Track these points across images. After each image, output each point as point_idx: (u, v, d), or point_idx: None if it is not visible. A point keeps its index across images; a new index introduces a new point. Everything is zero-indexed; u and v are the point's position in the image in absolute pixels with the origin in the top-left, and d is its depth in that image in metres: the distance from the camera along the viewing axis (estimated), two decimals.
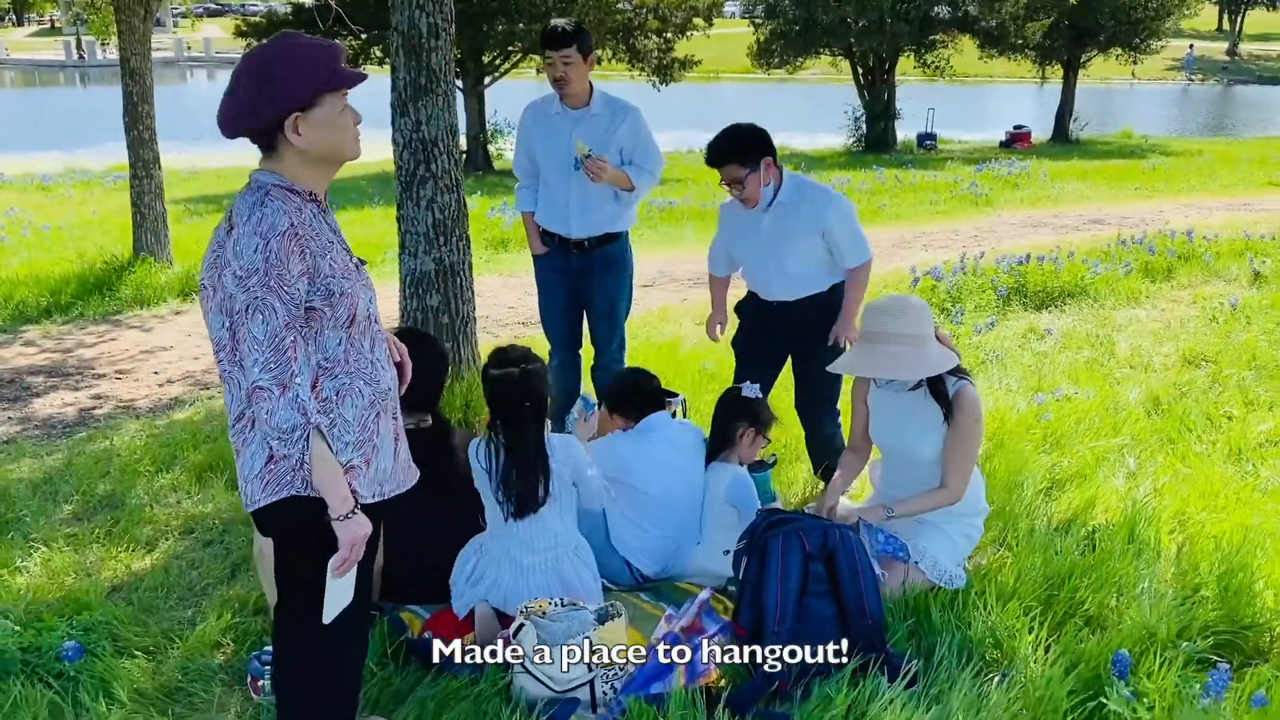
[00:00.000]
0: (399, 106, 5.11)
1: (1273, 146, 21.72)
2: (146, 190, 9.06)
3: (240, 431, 2.27)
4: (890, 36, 23.36)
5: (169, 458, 4.86)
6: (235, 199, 2.26)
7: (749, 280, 4.25)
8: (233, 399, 2.27)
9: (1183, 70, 50.84)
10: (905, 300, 3.53)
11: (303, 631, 2.40)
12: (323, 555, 2.27)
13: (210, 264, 2.22)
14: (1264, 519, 3.97)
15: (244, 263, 2.15)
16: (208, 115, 2.71)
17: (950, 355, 3.45)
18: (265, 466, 2.25)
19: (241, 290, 2.15)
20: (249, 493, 2.29)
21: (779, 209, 4.01)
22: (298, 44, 2.23)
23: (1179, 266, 8.61)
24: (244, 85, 2.20)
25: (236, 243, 2.16)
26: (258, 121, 2.22)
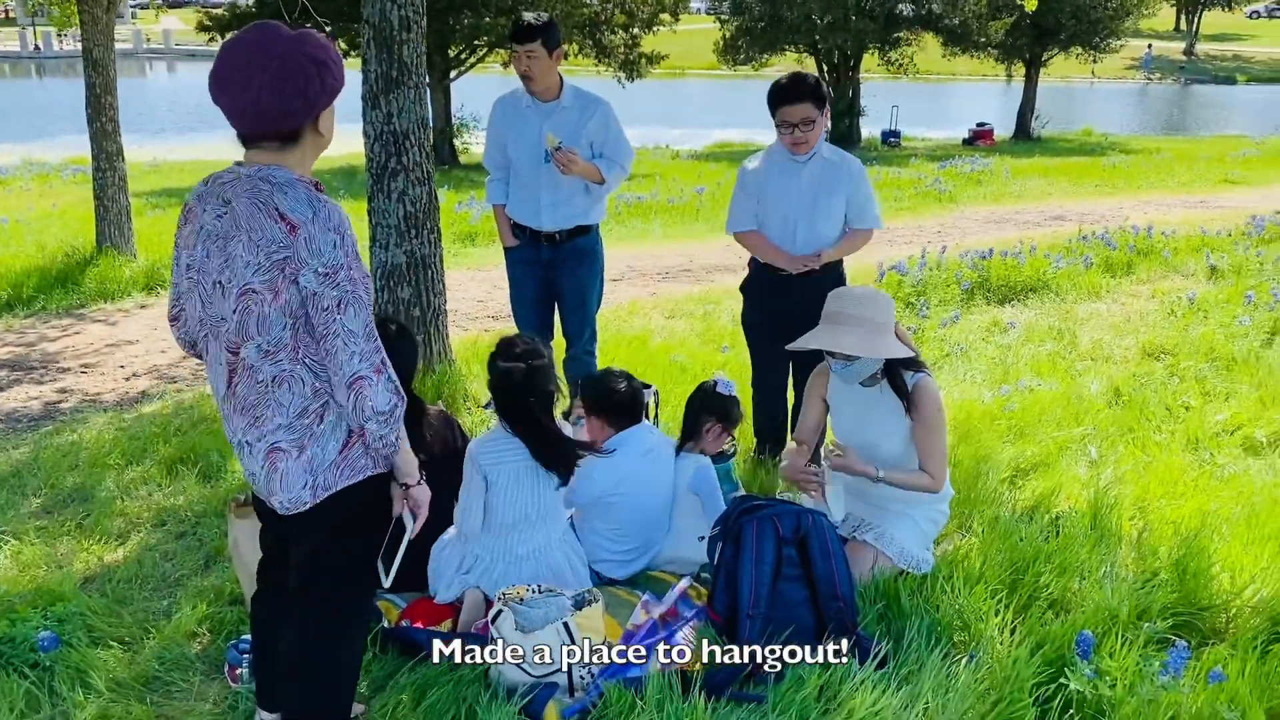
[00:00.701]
0: (370, 99, 5.11)
1: (1229, 145, 22.12)
2: (110, 183, 8.96)
3: (305, 428, 2.26)
4: (855, 34, 23.57)
5: (138, 451, 4.83)
6: (253, 197, 2.17)
7: (766, 243, 4.22)
8: (293, 397, 2.24)
9: (1141, 69, 51.60)
10: (870, 289, 3.61)
11: (344, 610, 2.48)
12: (377, 530, 2.43)
13: (263, 267, 2.16)
14: (1220, 505, 4.08)
15: (325, 259, 2.15)
16: (169, 107, 2.71)
17: (906, 349, 3.49)
18: (341, 453, 2.29)
19: (330, 286, 2.15)
20: (323, 483, 2.29)
21: (820, 162, 4.12)
22: (321, 37, 2.22)
23: (1138, 262, 8.78)
24: (301, 77, 2.14)
25: (309, 241, 2.14)
26: (311, 114, 2.20)
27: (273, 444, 2.27)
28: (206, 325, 2.29)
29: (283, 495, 2.30)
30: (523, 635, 2.90)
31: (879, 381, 3.54)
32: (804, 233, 4.14)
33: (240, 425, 2.31)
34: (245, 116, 2.17)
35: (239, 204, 2.19)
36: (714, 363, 5.92)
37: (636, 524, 3.65)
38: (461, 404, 5.29)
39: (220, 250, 2.21)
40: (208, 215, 2.24)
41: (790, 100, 3.99)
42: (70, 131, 22.20)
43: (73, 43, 39.99)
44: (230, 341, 2.24)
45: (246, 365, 2.24)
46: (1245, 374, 5.75)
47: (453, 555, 3.38)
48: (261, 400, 2.26)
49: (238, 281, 2.19)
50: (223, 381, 2.30)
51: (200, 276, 2.26)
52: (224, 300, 2.22)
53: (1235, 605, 3.34)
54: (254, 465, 2.33)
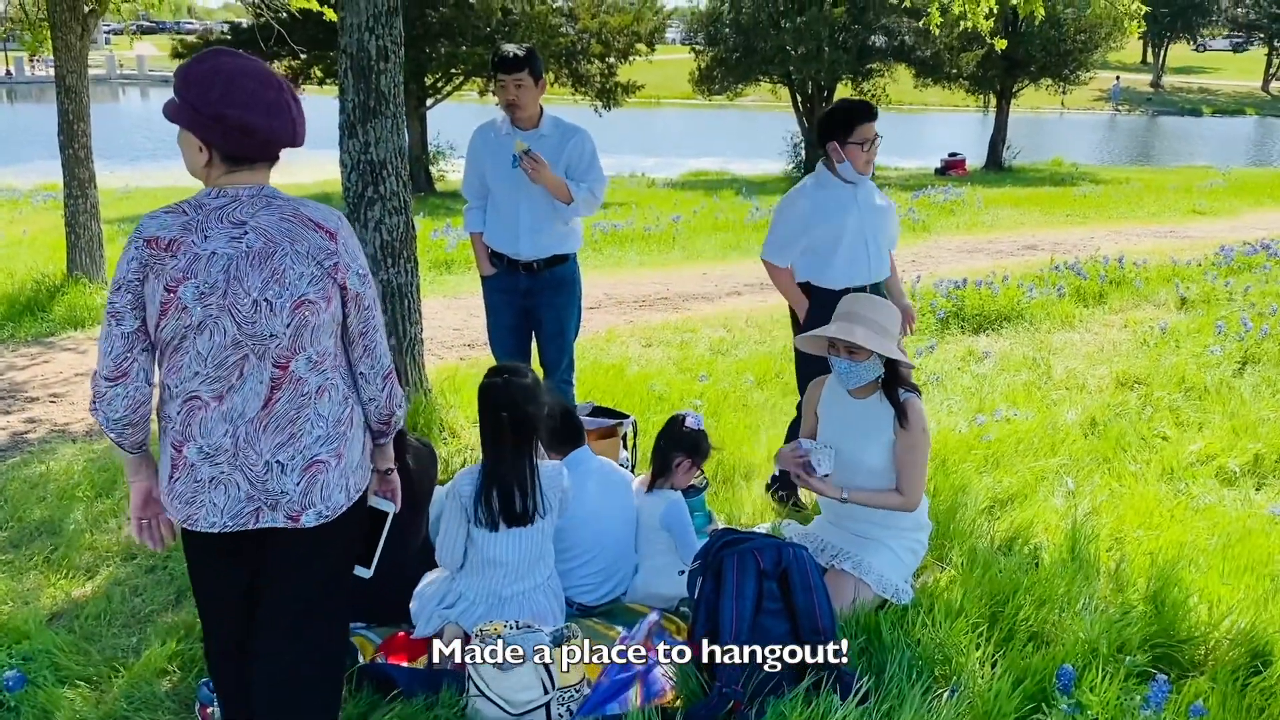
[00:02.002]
0: (347, 128, 5.09)
1: (1196, 175, 22.46)
2: (81, 210, 8.89)
3: (340, 436, 2.35)
4: (828, 65, 23.80)
5: (107, 483, 4.75)
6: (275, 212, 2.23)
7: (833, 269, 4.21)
8: (331, 405, 2.33)
9: (1110, 101, 52.46)
10: (880, 299, 3.70)
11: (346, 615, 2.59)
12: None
13: (315, 277, 2.24)
14: (1196, 535, 4.10)
15: (361, 261, 2.34)
16: (142, 134, 2.68)
17: (905, 359, 3.56)
18: (361, 455, 2.43)
19: (367, 286, 2.34)
20: (354, 484, 2.39)
21: (866, 187, 4.25)
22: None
23: (1110, 291, 8.86)
24: (299, 104, 2.30)
25: (347, 245, 2.30)
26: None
27: (312, 458, 2.30)
28: (245, 346, 2.21)
29: (321, 505, 2.32)
30: (500, 672, 2.86)
31: (873, 393, 3.55)
32: (875, 257, 4.26)
33: (270, 445, 2.26)
34: (282, 139, 2.26)
35: (261, 221, 2.22)
36: (692, 391, 5.92)
37: (597, 545, 3.63)
38: (438, 434, 5.25)
39: (259, 267, 2.19)
40: (215, 240, 2.19)
41: (869, 116, 4.13)
42: (41, 157, 22.02)
43: (45, 68, 39.82)
44: (280, 356, 2.24)
45: (294, 378, 2.26)
46: (1217, 404, 5.80)
47: (438, 590, 3.34)
48: (301, 413, 2.28)
49: (291, 294, 2.21)
50: (257, 401, 2.24)
51: (229, 300, 2.19)
52: (273, 316, 2.21)
53: (1213, 637, 3.34)
54: (286, 484, 2.27)
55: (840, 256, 4.22)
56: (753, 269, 10.60)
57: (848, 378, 3.55)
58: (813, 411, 3.78)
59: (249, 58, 2.26)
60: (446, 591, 3.31)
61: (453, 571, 3.31)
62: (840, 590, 3.41)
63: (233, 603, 2.47)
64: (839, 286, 4.18)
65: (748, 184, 21.01)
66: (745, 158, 28.17)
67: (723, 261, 11.48)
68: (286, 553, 2.37)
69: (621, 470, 3.89)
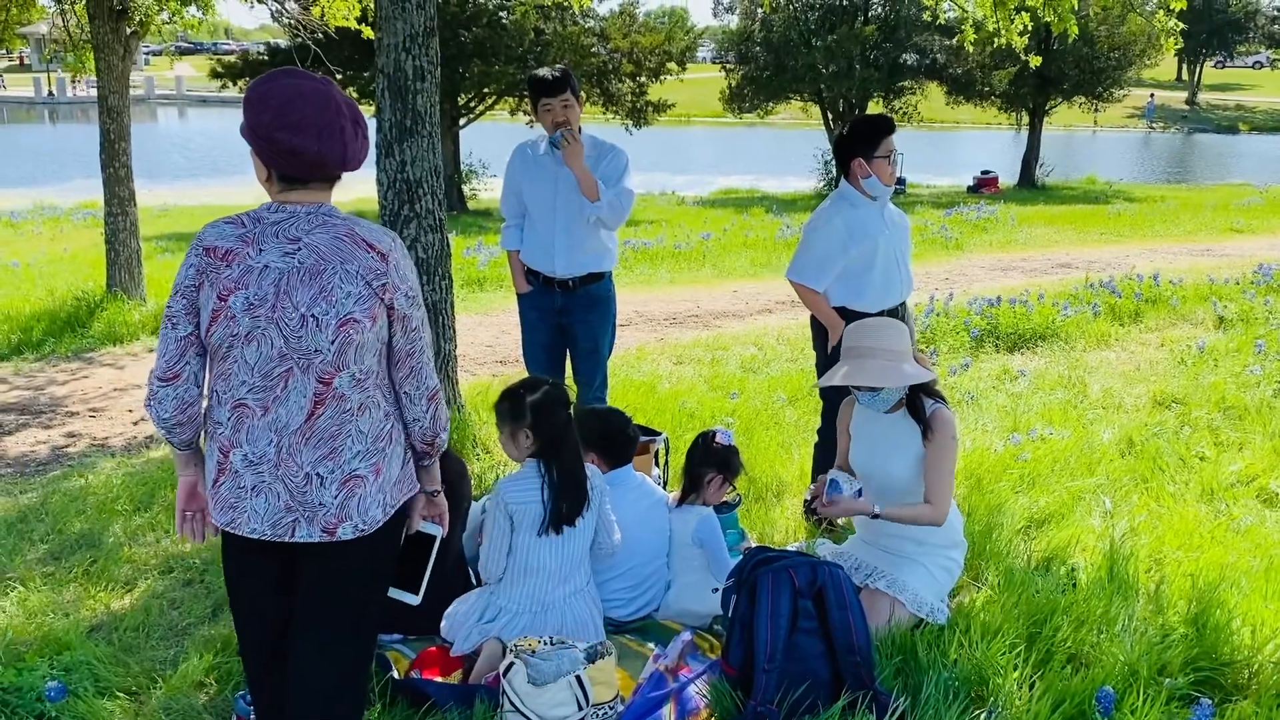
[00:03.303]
0: (384, 147, 5.15)
1: (1233, 193, 22.21)
2: (121, 227, 9.03)
3: (380, 451, 2.37)
4: (859, 82, 23.81)
5: (146, 496, 4.81)
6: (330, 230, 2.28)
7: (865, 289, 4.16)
8: (371, 423, 2.35)
9: (1144, 118, 52.06)
10: (884, 320, 3.68)
11: (372, 648, 2.57)
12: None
13: (363, 296, 2.26)
14: (1238, 557, 4.04)
15: (411, 284, 2.35)
16: (180, 153, 2.74)
17: (927, 371, 3.53)
18: (401, 471, 2.45)
19: (415, 308, 2.36)
20: (391, 500, 2.41)
21: (884, 201, 4.24)
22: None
23: (1146, 310, 8.77)
24: (365, 123, 2.35)
25: (398, 267, 2.32)
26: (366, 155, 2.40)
27: (350, 472, 2.33)
28: (290, 359, 2.26)
29: (357, 519, 2.34)
30: (535, 688, 2.86)
31: (900, 408, 3.54)
32: (906, 275, 4.27)
33: (311, 458, 2.30)
34: (334, 161, 2.29)
35: (315, 239, 2.27)
36: (723, 409, 5.91)
37: (631, 559, 3.63)
38: (471, 450, 5.27)
39: (308, 284, 2.24)
40: (270, 254, 2.25)
41: (893, 129, 4.15)
42: (82, 176, 22.44)
43: (86, 88, 40.52)
44: (324, 372, 2.27)
45: (337, 394, 2.29)
46: (1258, 424, 5.71)
47: (475, 606, 3.35)
48: (343, 429, 2.32)
49: (337, 312, 2.25)
50: (301, 414, 2.28)
51: (276, 313, 2.24)
52: (319, 332, 2.25)
53: (1257, 660, 3.28)
54: (324, 496, 2.31)
55: (875, 277, 4.17)
56: (784, 286, 10.56)
57: (874, 404, 3.56)
58: (845, 430, 3.77)
59: (312, 78, 2.28)
60: (485, 606, 3.32)
61: (493, 583, 3.32)
62: (876, 609, 3.38)
63: (269, 613, 2.50)
64: (875, 309, 4.16)
65: (778, 202, 21.01)
66: (775, 175, 28.17)
67: (753, 279, 11.48)
68: (322, 565, 2.39)
69: (654, 486, 3.89)
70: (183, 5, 9.73)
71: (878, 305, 4.16)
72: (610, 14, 23.19)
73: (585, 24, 21.29)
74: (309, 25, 10.26)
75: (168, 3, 9.52)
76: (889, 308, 4.18)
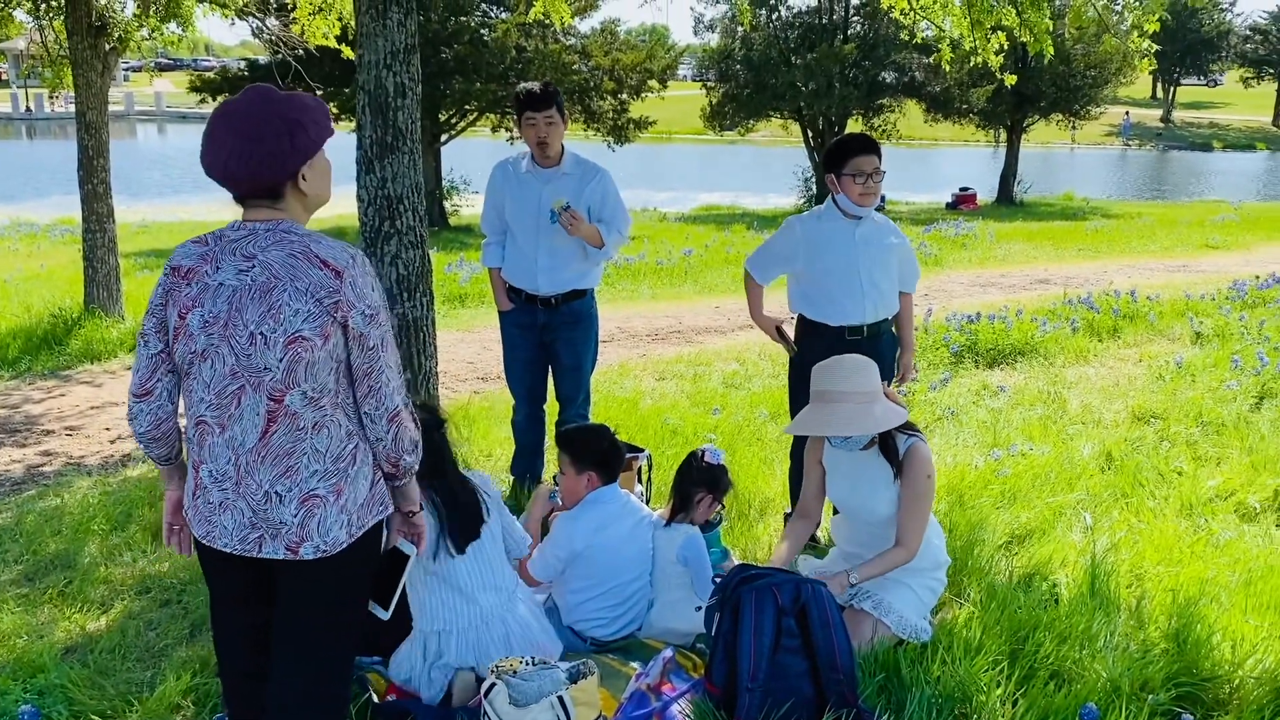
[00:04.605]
0: (364, 164, 5.13)
1: (1208, 210, 22.45)
2: (99, 244, 8.97)
3: (342, 471, 2.34)
4: (839, 100, 23.98)
5: (123, 516, 4.76)
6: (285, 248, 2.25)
7: (829, 306, 4.16)
8: (330, 442, 2.32)
9: (1120, 135, 52.63)
10: (852, 360, 3.55)
11: (351, 653, 2.54)
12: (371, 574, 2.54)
13: (313, 314, 2.23)
14: (1217, 572, 4.06)
15: (369, 302, 2.30)
16: (160, 169, 2.72)
17: (899, 410, 3.50)
18: (369, 493, 2.40)
19: (375, 327, 2.31)
20: (357, 522, 2.36)
21: (870, 223, 4.19)
22: (304, 96, 2.32)
23: (1124, 326, 8.83)
24: (273, 137, 2.23)
25: (354, 285, 2.27)
26: (282, 172, 2.26)
27: (309, 491, 2.30)
28: (242, 377, 2.26)
29: (318, 539, 2.32)
30: (516, 709, 2.84)
31: (874, 445, 3.53)
32: (871, 295, 4.15)
33: (269, 476, 2.30)
34: (218, 175, 2.27)
35: (269, 256, 2.25)
36: (706, 425, 5.90)
37: (615, 577, 3.62)
38: None
39: (259, 302, 2.24)
40: (226, 272, 2.27)
41: (865, 150, 4.09)
42: (60, 192, 22.29)
43: (65, 104, 40.30)
44: (275, 390, 2.26)
45: (289, 412, 2.27)
46: (1235, 438, 5.75)
47: (414, 649, 3.26)
48: (297, 447, 2.29)
49: (285, 330, 2.23)
50: (255, 432, 2.28)
51: (229, 330, 2.25)
52: (267, 350, 2.24)
53: (1238, 675, 3.29)
54: (284, 514, 2.30)
55: (833, 292, 4.14)
56: (765, 303, 10.61)
57: (844, 446, 3.55)
58: (816, 463, 3.72)
59: (254, 93, 2.28)
60: (424, 646, 3.25)
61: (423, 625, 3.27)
62: (859, 628, 3.38)
63: (244, 626, 2.50)
64: (834, 323, 4.16)
65: (759, 218, 21.08)
66: (756, 192, 28.32)
67: (735, 295, 11.49)
68: (291, 583, 2.39)
69: (637, 504, 3.88)
70: (162, 22, 9.69)
71: (838, 320, 4.15)
72: (592, 31, 23.26)
73: (567, 41, 21.37)
74: (289, 42, 10.25)
75: (147, 19, 9.49)
76: (851, 324, 4.14)
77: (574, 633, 3.60)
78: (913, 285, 4.37)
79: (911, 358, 4.46)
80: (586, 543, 3.56)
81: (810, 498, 3.77)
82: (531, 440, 4.89)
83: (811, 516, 3.78)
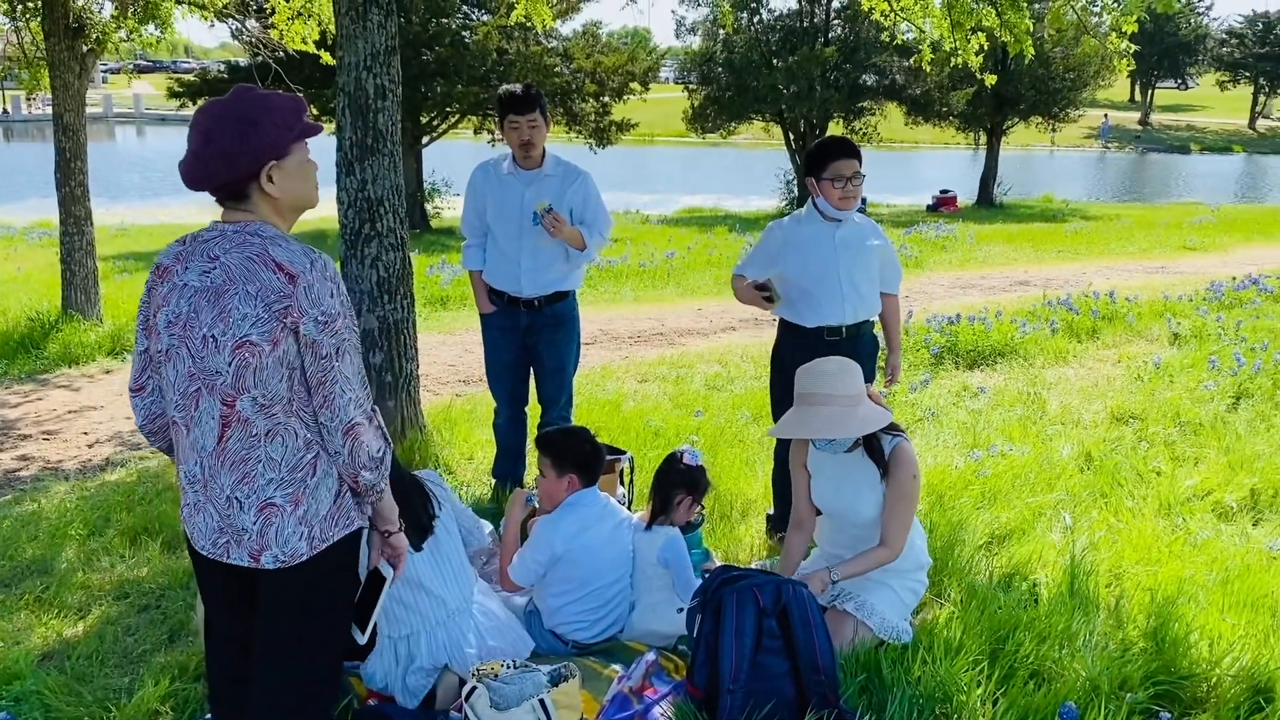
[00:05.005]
0: (344, 166, 5.12)
1: (1186, 212, 22.63)
2: (77, 247, 8.91)
3: (299, 481, 2.28)
4: (820, 103, 24.06)
5: (100, 520, 4.73)
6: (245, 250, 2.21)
7: (807, 308, 4.20)
8: (285, 450, 2.26)
9: (1099, 138, 53.03)
10: (836, 362, 3.55)
11: (325, 674, 2.45)
12: (352, 589, 2.46)
13: (261, 319, 2.18)
14: (1195, 571, 4.09)
15: (324, 308, 2.21)
16: (139, 172, 2.69)
17: (883, 412, 3.50)
18: (333, 505, 2.33)
19: (329, 335, 2.22)
20: (319, 535, 2.30)
21: (850, 225, 4.18)
22: (270, 95, 2.27)
23: (1103, 327, 8.89)
24: (222, 136, 2.20)
25: (309, 290, 2.20)
26: (234, 171, 2.22)
27: (266, 499, 2.27)
28: (198, 379, 2.25)
29: (276, 549, 2.28)
30: (498, 713, 2.83)
31: (859, 447, 3.54)
32: (851, 298, 4.16)
33: (229, 481, 2.27)
34: (185, 181, 2.26)
35: (229, 258, 2.22)
36: (688, 427, 5.91)
37: (596, 580, 3.61)
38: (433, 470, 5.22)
39: (212, 304, 2.22)
40: (192, 272, 2.25)
41: (845, 154, 4.09)
42: (37, 194, 22.12)
43: (42, 106, 39.99)
44: (226, 394, 2.23)
45: (241, 418, 2.24)
46: (1213, 438, 5.80)
47: (386, 657, 3.23)
48: (252, 454, 2.25)
49: (233, 334, 2.20)
50: (213, 436, 2.26)
51: (187, 331, 2.24)
52: (217, 353, 2.22)
53: (1215, 674, 3.31)
54: (245, 520, 2.28)
55: (812, 294, 4.17)
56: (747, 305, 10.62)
57: (828, 449, 3.55)
58: (802, 467, 3.72)
59: (232, 92, 2.26)
60: (394, 651, 3.23)
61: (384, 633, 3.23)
62: (840, 629, 3.38)
63: (226, 627, 2.49)
64: (812, 325, 4.18)
65: (741, 220, 21.13)
66: (738, 195, 28.39)
67: (717, 297, 11.52)
68: (265, 591, 2.37)
69: (618, 506, 3.87)
70: (140, 23, 9.63)
71: (816, 321, 4.17)
72: (573, 34, 23.28)
73: (548, 44, 21.36)
74: (269, 44, 10.21)
75: (125, 20, 9.43)
76: (830, 325, 4.17)
77: (555, 636, 3.60)
78: (895, 286, 4.37)
79: (898, 359, 4.48)
80: (567, 545, 3.56)
81: (803, 506, 3.73)
82: (513, 443, 4.88)
83: (806, 526, 3.74)
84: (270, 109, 2.24)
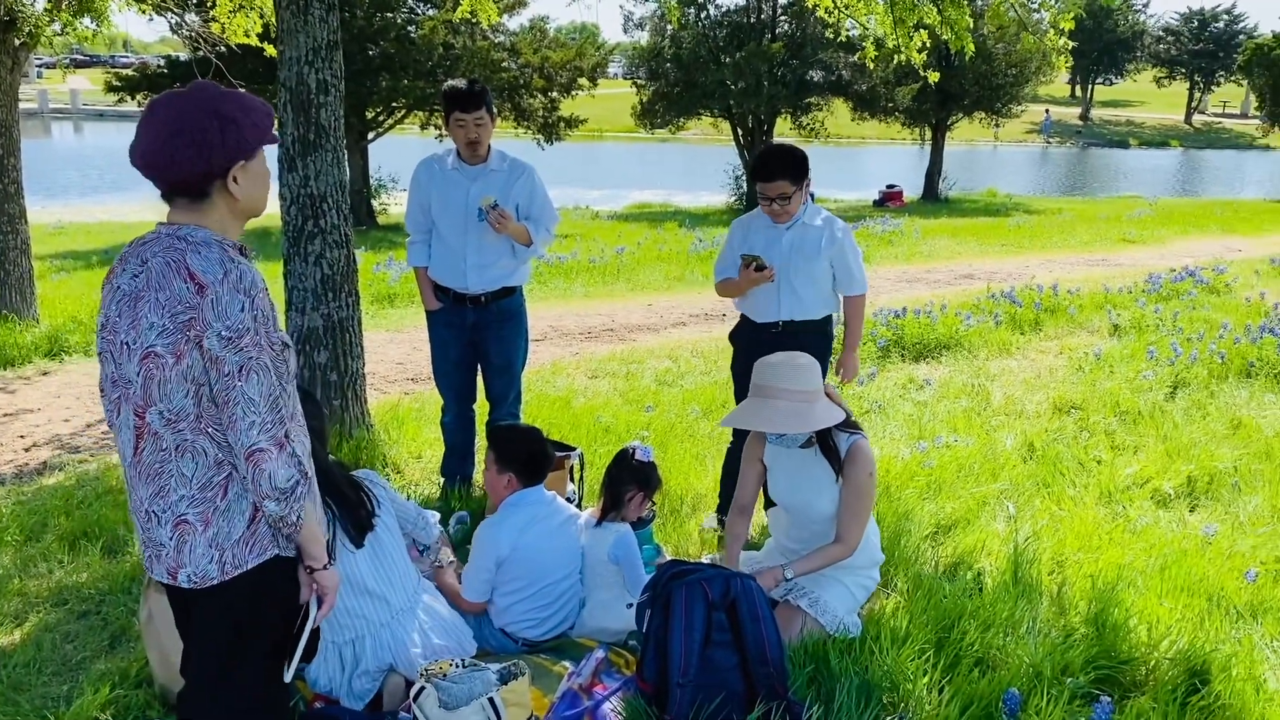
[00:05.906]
0: (286, 162, 5.05)
1: (1125, 205, 23.09)
2: (12, 246, 8.68)
3: (208, 501, 2.18)
4: (767, 99, 24.16)
5: (38, 525, 4.61)
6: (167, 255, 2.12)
7: (750, 302, 4.30)
8: (195, 468, 2.17)
9: (1041, 133, 53.92)
10: (795, 357, 3.59)
11: (251, 702, 2.33)
12: (281, 617, 2.30)
13: (167, 329, 2.10)
14: (1134, 557, 4.18)
15: (231, 323, 2.08)
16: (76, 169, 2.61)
17: (837, 411, 3.53)
18: (248, 530, 2.21)
19: (233, 351, 2.08)
20: (231, 559, 2.20)
21: (800, 228, 4.19)
22: (245, 95, 2.20)
23: (1046, 319, 9.05)
24: (196, 127, 2.11)
25: (216, 302, 2.08)
26: (202, 165, 2.13)
27: (179, 515, 2.20)
28: (119, 387, 2.20)
29: (190, 568, 2.21)
30: (446, 712, 2.82)
31: (814, 443, 3.56)
32: (787, 298, 4.20)
33: (146, 494, 2.22)
34: (139, 162, 2.15)
35: (154, 263, 2.15)
36: (638, 423, 5.91)
37: (544, 578, 3.60)
38: (380, 470, 5.18)
39: (130, 310, 2.15)
40: (124, 275, 2.19)
41: (766, 178, 4.10)
42: None
43: None
44: (137, 405, 2.17)
45: (151, 430, 2.17)
46: (1151, 427, 5.93)
47: (330, 663, 3.19)
48: (164, 469, 2.18)
49: (141, 343, 2.13)
50: (130, 447, 2.21)
51: (110, 336, 2.19)
52: (129, 361, 2.16)
53: (1154, 657, 3.39)
54: (162, 535, 2.22)
55: (754, 292, 4.24)
56: (697, 300, 10.66)
57: (782, 444, 3.58)
58: (756, 460, 3.75)
59: (196, 85, 2.19)
60: (339, 656, 3.19)
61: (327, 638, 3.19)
62: (789, 622, 3.41)
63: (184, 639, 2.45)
64: (757, 319, 4.28)
65: (690, 216, 21.18)
66: (688, 190, 28.46)
67: (667, 293, 11.53)
68: (194, 607, 2.31)
69: (565, 503, 3.86)
70: (75, 16, 9.40)
71: (758, 316, 4.27)
72: (521, 29, 23.21)
73: (495, 39, 21.22)
74: (209, 38, 10.02)
75: (59, 14, 9.19)
76: (766, 321, 4.23)
77: (505, 634, 3.58)
78: (853, 288, 4.31)
79: (851, 357, 4.48)
80: (511, 545, 3.54)
81: (749, 495, 3.78)
82: (461, 441, 4.85)
83: (748, 512, 3.80)
84: (249, 109, 2.18)
